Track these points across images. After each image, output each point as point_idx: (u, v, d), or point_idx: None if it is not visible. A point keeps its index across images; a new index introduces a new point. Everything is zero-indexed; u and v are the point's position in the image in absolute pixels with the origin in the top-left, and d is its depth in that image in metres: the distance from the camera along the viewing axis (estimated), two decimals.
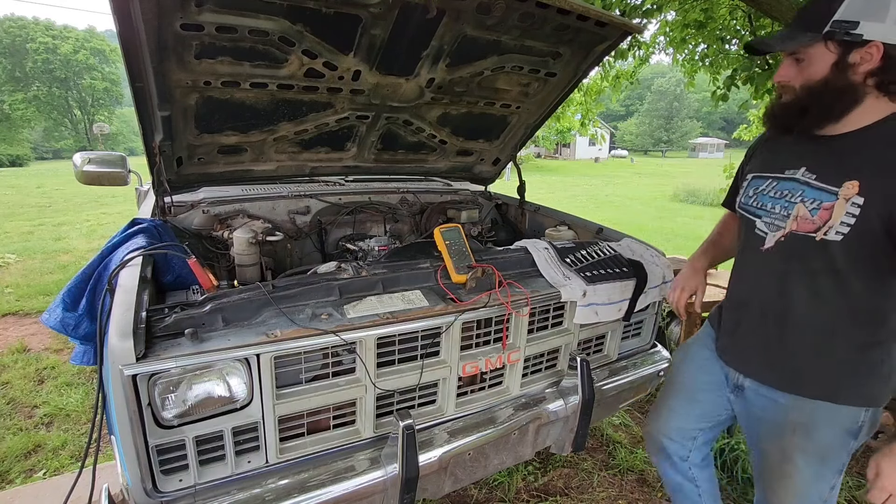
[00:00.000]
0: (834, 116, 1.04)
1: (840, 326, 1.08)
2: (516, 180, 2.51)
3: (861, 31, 0.96)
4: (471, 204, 2.69)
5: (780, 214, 1.13)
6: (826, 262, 1.05)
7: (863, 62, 0.98)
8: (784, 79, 1.10)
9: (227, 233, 1.89)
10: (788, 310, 1.14)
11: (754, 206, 1.21)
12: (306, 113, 1.86)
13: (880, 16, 0.95)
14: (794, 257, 1.11)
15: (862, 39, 0.97)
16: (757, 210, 1.20)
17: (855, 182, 0.98)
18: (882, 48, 0.96)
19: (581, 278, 1.59)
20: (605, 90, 5.67)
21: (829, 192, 1.03)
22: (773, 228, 1.14)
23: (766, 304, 1.19)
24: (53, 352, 3.28)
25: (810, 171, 1.08)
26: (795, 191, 1.10)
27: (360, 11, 1.44)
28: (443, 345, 1.38)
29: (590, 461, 2.26)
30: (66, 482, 1.86)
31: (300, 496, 1.16)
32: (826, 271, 1.06)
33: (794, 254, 1.11)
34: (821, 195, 1.05)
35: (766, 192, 1.18)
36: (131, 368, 0.98)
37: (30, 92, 38.07)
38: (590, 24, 1.69)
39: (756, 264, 1.21)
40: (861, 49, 0.98)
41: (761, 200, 1.19)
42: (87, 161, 2.26)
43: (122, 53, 1.30)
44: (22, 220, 8.57)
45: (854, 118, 1.03)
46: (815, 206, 1.05)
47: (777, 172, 1.16)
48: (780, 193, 1.14)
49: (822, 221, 1.03)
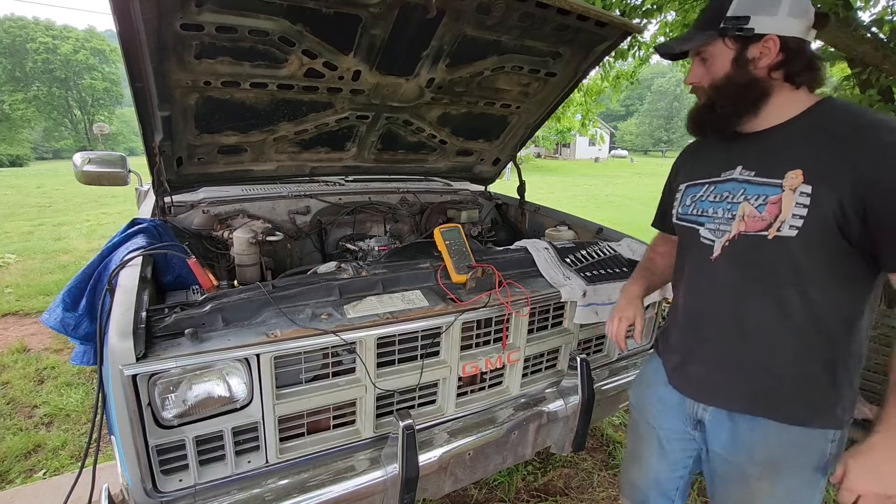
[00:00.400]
0: (742, 112, 1.02)
1: (805, 339, 0.99)
2: (516, 180, 2.51)
3: (752, 25, 0.97)
4: (471, 204, 2.69)
5: (724, 218, 1.05)
6: (785, 264, 0.96)
7: (762, 56, 0.97)
8: (694, 80, 1.08)
9: (227, 233, 1.89)
10: (747, 324, 1.04)
11: (694, 214, 1.12)
12: (306, 113, 1.86)
13: (771, 10, 0.95)
14: (748, 263, 1.01)
15: (754, 34, 0.96)
16: (698, 217, 1.11)
17: (798, 171, 0.93)
18: (778, 41, 0.96)
19: (581, 278, 1.59)
20: (606, 90, 5.67)
21: (773, 185, 0.96)
22: (718, 234, 1.05)
23: (723, 320, 1.08)
24: (53, 352, 3.28)
25: (747, 169, 1.03)
26: (736, 190, 1.03)
27: (360, 11, 1.44)
28: (443, 345, 1.38)
29: (590, 461, 2.25)
30: (66, 482, 1.86)
31: (300, 496, 1.16)
32: (786, 275, 0.97)
33: (747, 259, 1.01)
34: (765, 190, 0.98)
35: (704, 198, 1.10)
36: (131, 368, 0.98)
37: (30, 92, 38.07)
38: (590, 24, 1.69)
39: (706, 277, 1.10)
40: (758, 44, 0.97)
41: (701, 207, 1.11)
42: (87, 161, 2.26)
43: (122, 53, 1.30)
44: (22, 220, 8.57)
45: (776, 112, 1.00)
46: (761, 203, 0.98)
47: (713, 176, 1.10)
48: (721, 196, 1.06)
49: (773, 216, 0.96)
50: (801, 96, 1.00)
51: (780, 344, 1.01)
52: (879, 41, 3.00)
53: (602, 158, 37.35)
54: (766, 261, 0.99)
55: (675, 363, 1.20)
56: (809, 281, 0.95)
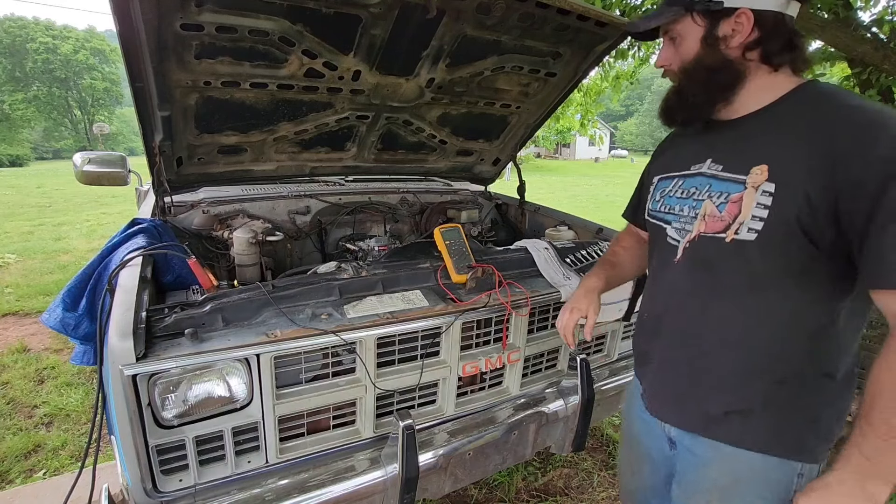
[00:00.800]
0: (713, 100, 0.91)
1: (763, 355, 0.88)
2: (516, 180, 2.51)
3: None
4: (471, 204, 2.69)
5: (689, 216, 0.94)
6: (742, 271, 0.86)
7: (734, 34, 0.86)
8: (664, 62, 0.97)
9: (227, 233, 1.89)
10: (703, 336, 0.93)
11: (662, 211, 1.02)
12: (306, 113, 1.86)
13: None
14: (705, 268, 0.91)
15: (723, 7, 0.85)
16: (665, 215, 1.01)
17: (763, 167, 0.82)
18: (752, 16, 0.84)
19: (581, 278, 1.58)
20: (606, 90, 5.67)
21: (737, 182, 0.86)
22: (682, 234, 0.95)
23: (681, 329, 0.98)
24: (53, 352, 3.28)
25: (716, 162, 0.91)
26: (702, 186, 0.92)
27: (360, 11, 1.44)
28: (443, 345, 1.38)
29: (590, 461, 2.25)
30: (66, 482, 1.86)
31: (300, 496, 1.16)
32: (743, 283, 0.87)
33: (705, 262, 0.91)
34: (728, 186, 0.87)
35: (672, 194, 1.00)
36: (131, 368, 0.98)
37: (30, 92, 38.10)
38: (590, 24, 1.69)
39: (668, 282, 1.00)
40: (729, 19, 0.86)
41: (668, 203, 1.00)
42: (87, 161, 2.26)
43: (122, 53, 1.30)
44: (22, 220, 8.57)
45: (752, 98, 0.89)
46: (722, 201, 0.87)
47: (683, 169, 0.99)
48: (687, 192, 0.96)
49: (731, 217, 0.85)
50: (780, 80, 0.88)
51: (737, 360, 0.90)
52: (879, 41, 3.01)
53: (602, 158, 37.36)
54: (723, 266, 0.88)
55: (641, 372, 1.13)
56: (769, 290, 0.85)
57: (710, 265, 0.90)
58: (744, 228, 0.83)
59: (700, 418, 0.96)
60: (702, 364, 0.94)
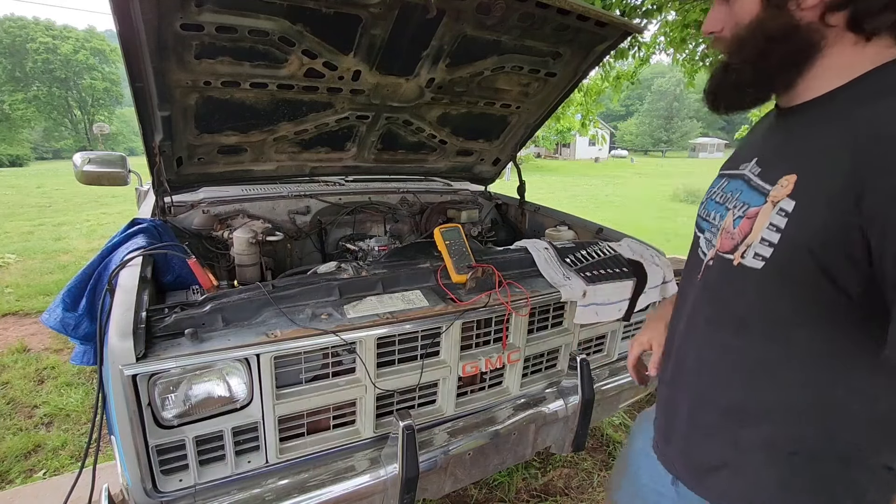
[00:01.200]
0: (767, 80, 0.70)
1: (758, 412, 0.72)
2: (516, 180, 2.51)
3: None
4: (471, 204, 2.69)
5: (718, 227, 0.79)
6: (744, 303, 0.72)
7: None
8: (712, 26, 0.74)
9: (227, 233, 1.89)
10: (702, 373, 0.80)
11: (701, 216, 0.87)
12: (306, 113, 1.86)
13: None
14: (713, 293, 0.78)
15: None
16: (702, 221, 0.86)
17: (792, 177, 0.64)
18: None
19: (581, 278, 1.59)
20: (606, 90, 5.67)
21: (761, 193, 0.69)
22: (709, 248, 0.80)
23: (686, 363, 0.84)
24: (53, 352, 3.28)
25: (759, 163, 0.74)
26: (735, 192, 0.77)
27: (360, 11, 1.44)
28: (443, 345, 1.38)
29: (590, 461, 2.25)
30: (66, 482, 1.86)
31: (300, 496, 1.16)
32: (744, 318, 0.72)
33: (713, 287, 0.78)
34: (752, 196, 0.72)
35: (714, 196, 0.84)
36: (131, 368, 0.98)
37: (30, 92, 38.09)
38: (590, 24, 1.69)
39: (689, 302, 0.85)
40: None
41: (708, 208, 0.85)
42: (87, 161, 2.26)
43: (122, 53, 1.30)
44: (22, 220, 8.57)
45: (820, 78, 0.66)
46: (739, 214, 0.73)
47: (734, 167, 0.82)
48: (724, 197, 0.80)
49: (742, 236, 0.70)
50: (867, 54, 0.62)
51: (725, 405, 0.76)
52: None
53: (602, 158, 37.35)
54: (726, 294, 0.74)
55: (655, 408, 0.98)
56: (771, 330, 0.70)
57: (716, 291, 0.77)
58: (750, 253, 0.68)
59: (690, 469, 0.83)
60: (697, 407, 0.81)
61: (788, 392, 0.70)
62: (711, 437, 0.79)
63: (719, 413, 0.77)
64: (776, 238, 0.65)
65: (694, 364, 0.82)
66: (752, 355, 0.72)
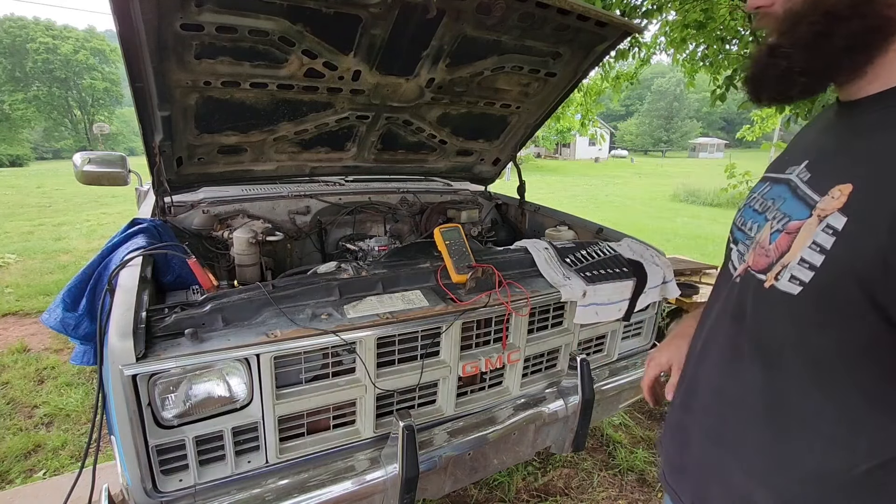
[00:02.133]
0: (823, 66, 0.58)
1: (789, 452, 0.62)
2: (516, 180, 2.51)
3: None
4: (471, 204, 2.68)
5: (753, 238, 0.69)
6: (777, 331, 0.61)
7: None
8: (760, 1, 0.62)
9: (227, 233, 1.89)
10: (722, 402, 0.71)
11: (737, 224, 0.77)
12: (306, 113, 1.86)
13: None
14: (738, 314, 0.68)
15: None
16: (737, 231, 0.76)
17: (847, 186, 0.53)
18: None
19: (581, 278, 1.59)
20: (606, 91, 5.67)
21: (807, 204, 0.59)
22: (741, 261, 0.70)
23: (698, 390, 0.76)
24: (53, 352, 3.28)
25: (809, 168, 0.63)
26: (778, 200, 0.66)
27: (360, 11, 1.44)
28: (443, 345, 1.38)
29: (590, 461, 2.26)
30: (66, 482, 1.86)
31: (300, 496, 1.16)
32: (772, 349, 0.62)
33: (739, 308, 0.67)
34: (795, 208, 0.61)
35: (752, 203, 0.74)
36: (131, 368, 0.98)
37: (30, 92, 38.09)
38: (590, 24, 1.69)
39: (715, 320, 0.76)
40: None
41: (745, 215, 0.74)
42: (87, 161, 2.26)
43: (122, 53, 1.30)
44: (22, 220, 8.57)
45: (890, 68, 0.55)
46: (778, 228, 0.62)
47: (780, 170, 0.70)
48: (764, 205, 0.69)
49: (778, 254, 0.60)
50: None
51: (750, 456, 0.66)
52: None
53: (602, 158, 37.36)
54: (755, 319, 0.64)
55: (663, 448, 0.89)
56: (799, 371, 0.59)
57: (744, 315, 0.66)
58: (786, 274, 0.58)
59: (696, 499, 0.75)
60: (704, 440, 0.73)
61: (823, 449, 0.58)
62: (725, 482, 0.70)
63: (733, 456, 0.68)
64: (819, 260, 0.54)
65: (710, 396, 0.73)
66: (783, 397, 0.61)
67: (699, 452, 0.75)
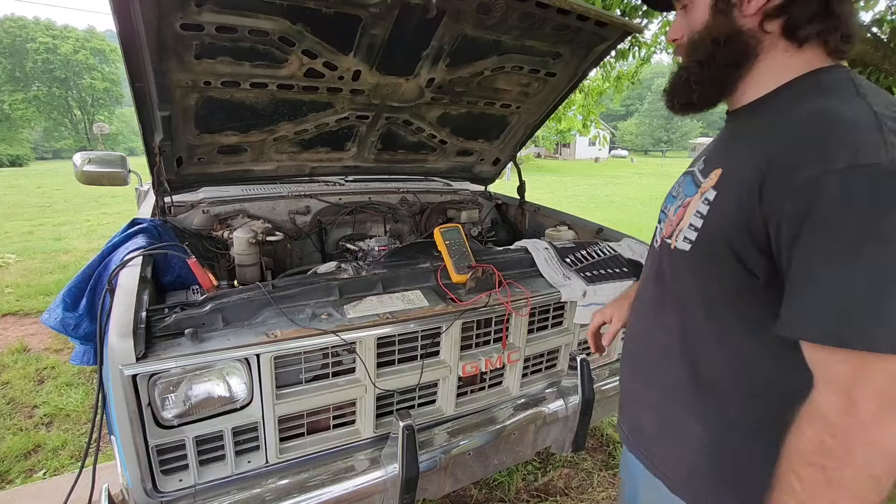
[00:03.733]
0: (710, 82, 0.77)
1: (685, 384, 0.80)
2: (516, 180, 2.51)
3: None
4: (471, 204, 2.68)
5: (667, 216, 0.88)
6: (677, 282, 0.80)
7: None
8: (675, 34, 0.82)
9: (227, 233, 1.89)
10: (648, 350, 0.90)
11: (662, 209, 0.94)
12: (306, 113, 1.86)
13: None
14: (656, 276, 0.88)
15: None
16: (661, 214, 0.93)
17: (718, 171, 0.73)
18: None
19: (581, 278, 1.59)
20: (607, 91, 5.66)
21: (697, 185, 0.78)
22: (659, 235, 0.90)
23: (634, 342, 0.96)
24: (53, 352, 3.28)
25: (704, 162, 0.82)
26: (683, 186, 0.85)
27: (360, 11, 1.44)
28: (443, 345, 1.38)
29: (590, 461, 2.25)
30: (66, 482, 1.86)
31: (300, 496, 1.16)
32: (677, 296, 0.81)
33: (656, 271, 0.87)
34: (691, 189, 0.80)
35: (671, 192, 0.92)
36: (131, 368, 0.98)
37: (30, 92, 38.11)
38: (590, 24, 1.68)
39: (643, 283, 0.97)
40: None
41: (666, 202, 0.92)
42: (87, 161, 2.26)
43: (122, 53, 1.30)
44: (22, 220, 8.57)
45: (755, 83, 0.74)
46: (679, 203, 0.82)
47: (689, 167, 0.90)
48: (677, 191, 0.88)
49: (677, 222, 0.79)
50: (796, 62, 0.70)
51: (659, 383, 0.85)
52: (879, 41, 3.01)
53: (602, 158, 37.33)
54: (667, 275, 0.83)
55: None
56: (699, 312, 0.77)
57: (660, 274, 0.85)
58: (680, 237, 0.77)
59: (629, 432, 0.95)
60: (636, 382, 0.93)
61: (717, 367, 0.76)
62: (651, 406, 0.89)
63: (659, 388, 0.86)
64: (699, 223, 0.74)
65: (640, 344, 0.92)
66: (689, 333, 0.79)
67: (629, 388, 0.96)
